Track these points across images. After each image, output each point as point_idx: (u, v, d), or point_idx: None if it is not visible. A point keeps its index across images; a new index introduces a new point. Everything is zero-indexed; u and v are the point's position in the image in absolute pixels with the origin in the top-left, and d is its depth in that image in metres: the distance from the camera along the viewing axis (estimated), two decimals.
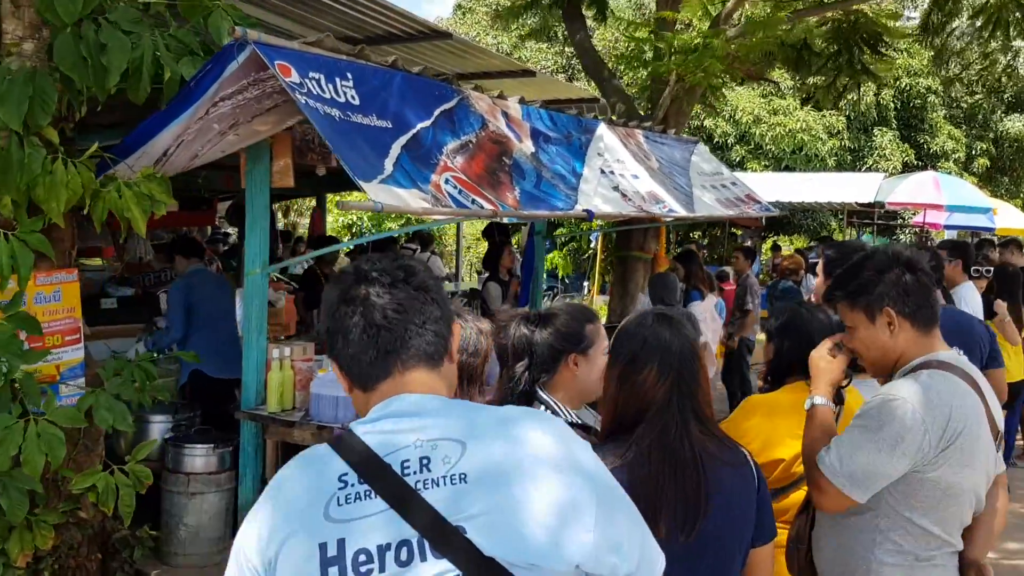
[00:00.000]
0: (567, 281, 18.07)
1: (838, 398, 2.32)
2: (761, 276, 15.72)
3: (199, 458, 4.58)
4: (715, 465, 1.86)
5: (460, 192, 4.08)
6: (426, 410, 1.35)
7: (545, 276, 19.46)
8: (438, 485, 1.27)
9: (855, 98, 11.27)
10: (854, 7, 9.27)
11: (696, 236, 23.05)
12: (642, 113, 7.80)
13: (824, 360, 2.27)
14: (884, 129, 22.68)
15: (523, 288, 6.98)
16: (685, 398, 1.86)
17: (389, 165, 3.78)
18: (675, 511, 1.81)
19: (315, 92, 3.69)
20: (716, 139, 21.33)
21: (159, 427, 4.86)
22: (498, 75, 11.72)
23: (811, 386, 2.30)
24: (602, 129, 5.89)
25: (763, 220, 21.27)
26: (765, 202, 7.23)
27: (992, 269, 6.08)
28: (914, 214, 17.84)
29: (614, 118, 6.45)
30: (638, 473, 1.82)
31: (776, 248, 16.10)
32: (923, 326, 2.11)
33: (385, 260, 1.46)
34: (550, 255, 18.16)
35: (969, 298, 5.45)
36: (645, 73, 7.21)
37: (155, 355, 5.18)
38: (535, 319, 2.44)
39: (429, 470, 1.28)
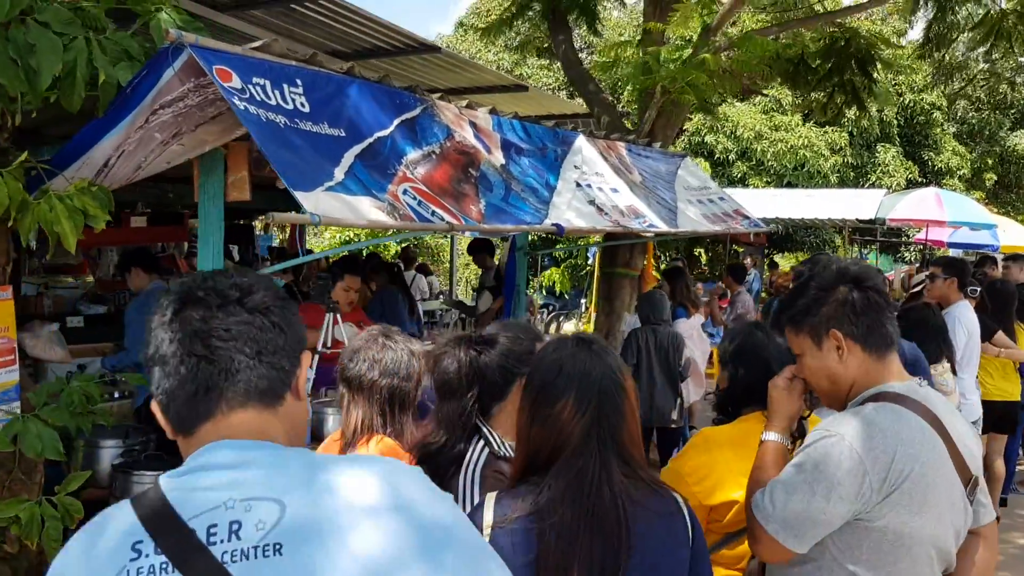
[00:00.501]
0: (566, 298, 17.81)
1: (800, 431, 2.07)
2: (763, 294, 15.45)
3: (148, 486, 4.33)
4: (640, 513, 1.61)
5: (420, 203, 3.86)
6: (246, 461, 1.11)
7: (544, 293, 19.25)
8: (247, 558, 1.03)
9: (853, 116, 11.02)
10: (850, 23, 9.07)
11: (698, 252, 22.83)
12: (636, 126, 7.59)
13: (780, 390, 2.02)
14: (887, 145, 22.46)
15: (506, 305, 6.74)
16: (607, 435, 1.61)
17: (340, 173, 3.57)
18: (591, 567, 1.56)
19: (259, 98, 3.47)
20: (717, 155, 21.13)
21: (110, 452, 4.62)
22: (490, 90, 11.56)
23: (767, 419, 2.05)
24: (580, 141, 5.67)
25: (751, 236, 21.04)
26: (754, 217, 6.99)
27: (978, 288, 5.80)
28: (918, 231, 17.57)
29: (593, 131, 6.21)
30: (549, 521, 1.57)
31: (773, 265, 15.82)
32: (876, 350, 1.86)
33: (218, 276, 1.22)
34: (548, 272, 17.94)
35: (964, 317, 5.19)
36: (629, 88, 6.97)
37: (109, 377, 4.96)
38: (479, 341, 2.20)
39: (239, 538, 1.04)
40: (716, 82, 7.43)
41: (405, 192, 3.84)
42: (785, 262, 20.13)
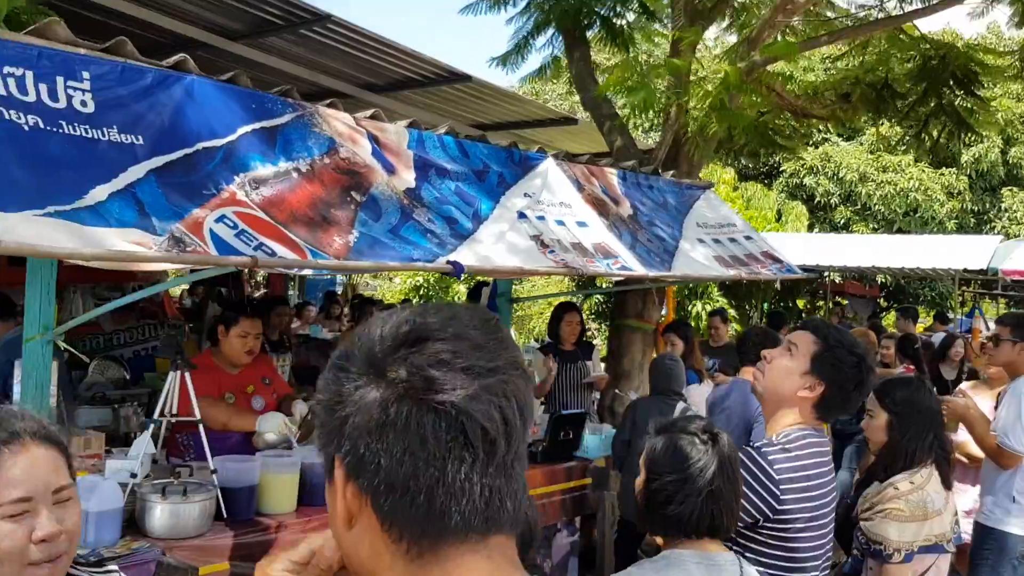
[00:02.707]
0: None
1: None
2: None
3: None
4: None
5: (240, 232, 2.95)
6: None
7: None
8: None
9: (955, 149, 9.54)
10: (916, 29, 7.76)
11: (803, 304, 21.08)
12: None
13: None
14: (1014, 189, 20.28)
15: None
16: None
17: (103, 192, 2.70)
18: None
19: (3, 92, 2.66)
20: (818, 199, 19.55)
21: None
22: (539, 124, 10.76)
23: None
24: (546, 165, 4.67)
25: (865, 286, 19.16)
26: (788, 262, 5.74)
27: None
28: None
29: (565, 155, 5.18)
30: None
31: (873, 318, 14.07)
32: (412, 538, 0.80)
33: None
34: None
35: None
36: (632, 111, 5.91)
37: None
38: None
39: None
40: (749, 102, 6.29)
41: (221, 219, 2.94)
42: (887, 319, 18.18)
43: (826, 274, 18.11)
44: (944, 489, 2.71)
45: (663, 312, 6.40)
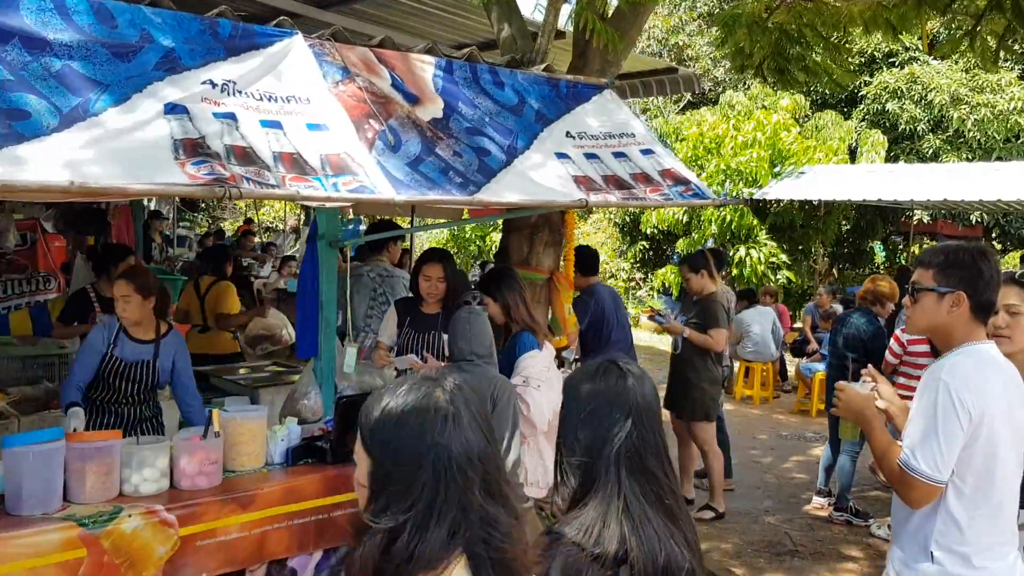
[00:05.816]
0: (681, 301, 14.77)
1: None
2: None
3: None
4: None
5: None
6: None
7: (658, 296, 16.23)
8: None
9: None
10: None
11: (897, 245, 18.72)
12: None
13: None
14: None
15: (300, 325, 4.34)
16: None
17: None
18: None
19: None
20: (902, 126, 17.03)
21: None
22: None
23: None
24: (287, 45, 3.24)
25: (959, 227, 16.71)
26: (699, 185, 4.07)
27: None
28: None
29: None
30: None
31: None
32: None
33: None
34: (662, 271, 14.94)
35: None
36: None
37: None
38: None
39: None
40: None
41: None
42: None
43: (911, 211, 15.80)
44: None
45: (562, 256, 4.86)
